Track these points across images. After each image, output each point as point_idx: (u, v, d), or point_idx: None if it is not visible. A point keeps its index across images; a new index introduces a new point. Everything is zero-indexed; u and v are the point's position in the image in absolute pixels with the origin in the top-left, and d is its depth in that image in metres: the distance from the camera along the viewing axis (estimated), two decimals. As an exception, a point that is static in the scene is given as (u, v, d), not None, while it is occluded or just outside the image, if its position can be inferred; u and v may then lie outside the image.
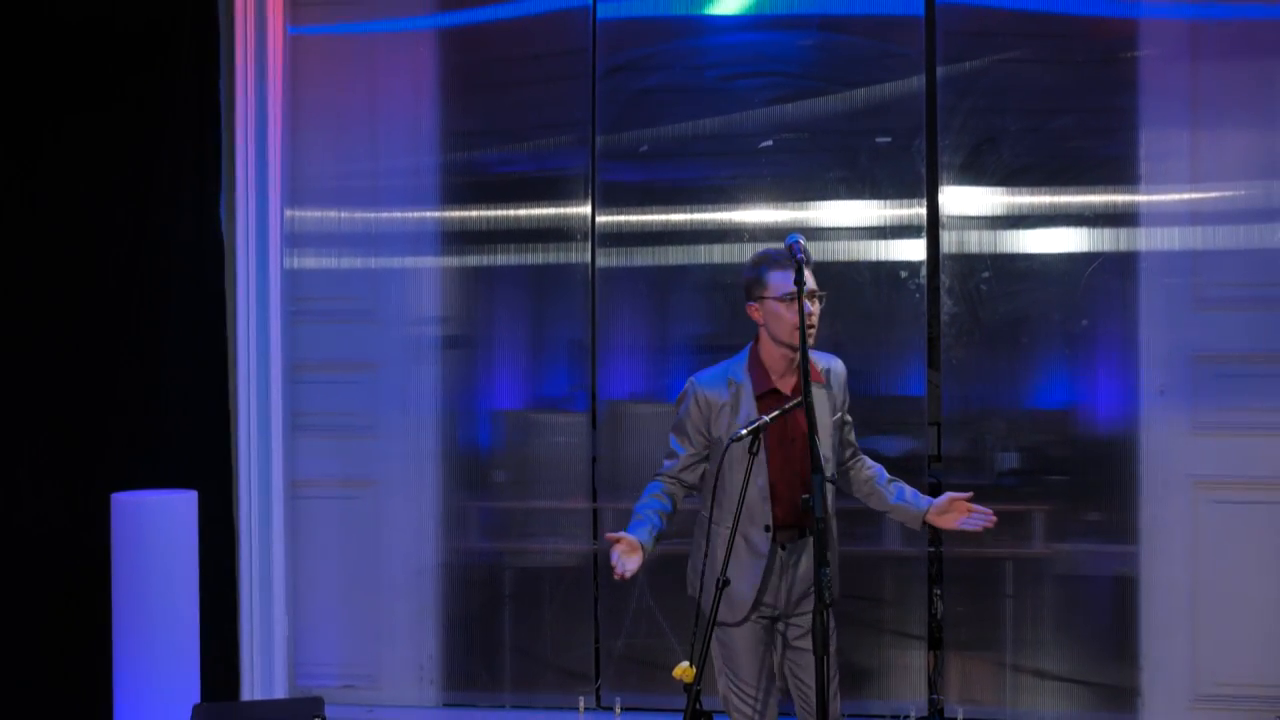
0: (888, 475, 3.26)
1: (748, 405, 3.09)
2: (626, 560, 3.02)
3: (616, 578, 3.02)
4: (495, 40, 4.54)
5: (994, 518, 3.11)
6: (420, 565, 4.53)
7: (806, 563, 3.10)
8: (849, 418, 3.26)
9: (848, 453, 3.28)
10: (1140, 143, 4.21)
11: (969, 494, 3.11)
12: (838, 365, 3.23)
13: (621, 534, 3.06)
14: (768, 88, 4.40)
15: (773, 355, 3.11)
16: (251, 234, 4.41)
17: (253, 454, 4.40)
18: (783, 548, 3.12)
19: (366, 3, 4.57)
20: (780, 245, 3.05)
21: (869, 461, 3.31)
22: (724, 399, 3.12)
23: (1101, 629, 4.24)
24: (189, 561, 3.80)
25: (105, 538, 3.84)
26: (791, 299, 2.99)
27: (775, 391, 3.11)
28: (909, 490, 3.23)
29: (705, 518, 3.14)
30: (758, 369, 3.13)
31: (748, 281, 3.13)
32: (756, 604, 3.11)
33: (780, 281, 3.05)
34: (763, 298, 3.09)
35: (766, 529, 3.09)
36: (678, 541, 4.09)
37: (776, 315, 3.07)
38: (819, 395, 3.08)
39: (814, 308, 3.07)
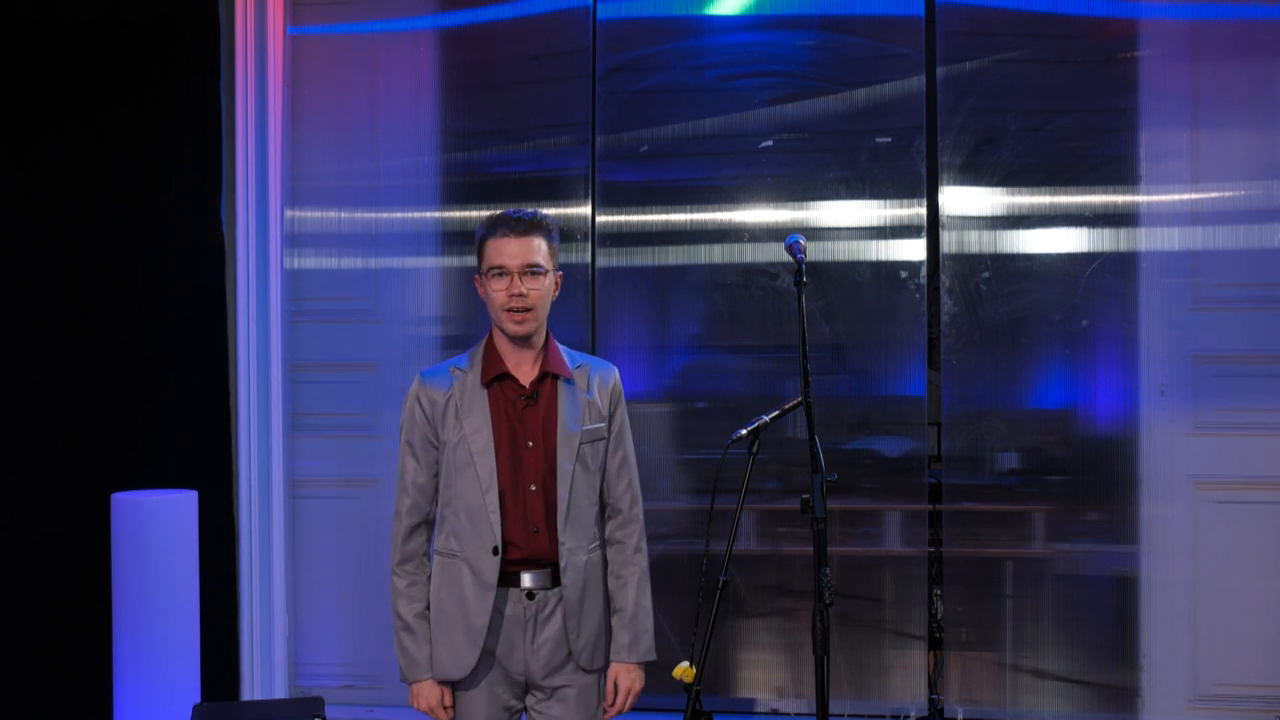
0: (635, 580, 2.68)
1: (474, 394, 2.61)
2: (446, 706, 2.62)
3: None
4: (495, 40, 4.54)
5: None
6: (420, 565, 4.53)
7: (559, 624, 2.60)
8: (625, 448, 2.73)
9: (620, 497, 2.70)
10: (1140, 143, 4.20)
11: (617, 710, 2.71)
12: (606, 372, 2.74)
13: (445, 710, 2.62)
14: (768, 88, 4.40)
15: (500, 339, 2.64)
16: (251, 234, 4.41)
17: (253, 454, 4.40)
18: (530, 596, 2.57)
19: (366, 3, 4.57)
20: (519, 207, 2.57)
21: (632, 543, 2.70)
22: (445, 392, 2.62)
23: (1101, 629, 4.23)
24: (189, 561, 3.80)
25: (105, 538, 3.84)
26: (499, 274, 2.56)
27: (508, 376, 2.62)
28: (630, 616, 2.67)
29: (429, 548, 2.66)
30: (490, 353, 2.65)
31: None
32: (490, 658, 2.58)
33: (491, 253, 2.57)
34: (478, 271, 2.63)
35: (495, 551, 2.55)
36: (679, 541, 4.10)
37: (486, 293, 2.61)
38: (564, 392, 2.63)
39: (522, 287, 2.55)
